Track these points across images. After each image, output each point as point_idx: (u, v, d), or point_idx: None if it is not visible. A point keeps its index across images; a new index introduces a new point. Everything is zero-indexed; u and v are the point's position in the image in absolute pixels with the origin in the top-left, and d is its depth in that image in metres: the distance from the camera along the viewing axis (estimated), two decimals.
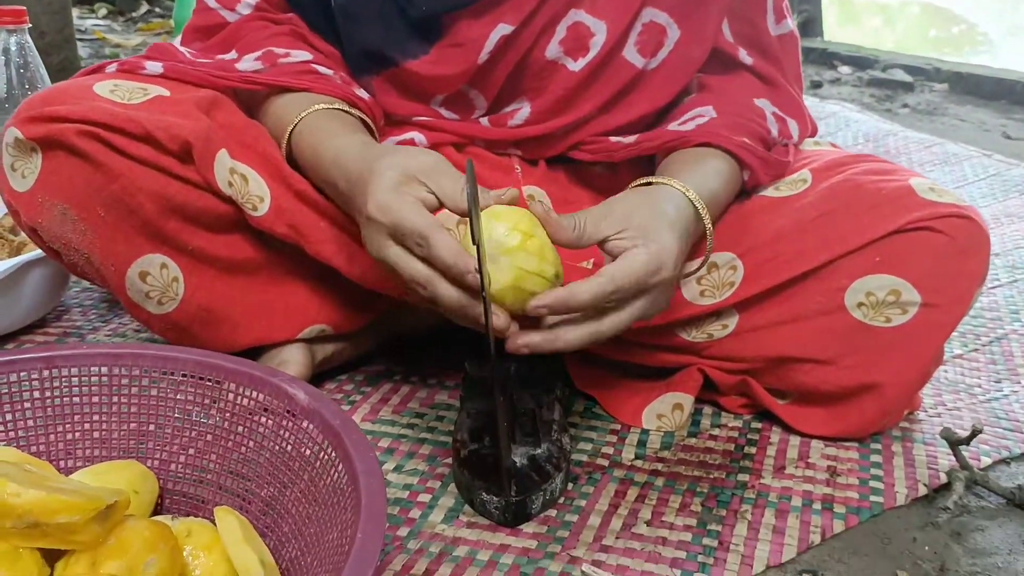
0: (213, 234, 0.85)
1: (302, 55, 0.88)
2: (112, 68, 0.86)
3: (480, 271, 0.62)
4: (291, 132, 0.82)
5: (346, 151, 0.77)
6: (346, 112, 0.84)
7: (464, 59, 0.87)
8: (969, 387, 0.99)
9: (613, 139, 0.92)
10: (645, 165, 0.94)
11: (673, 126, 0.89)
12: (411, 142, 0.92)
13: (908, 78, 2.60)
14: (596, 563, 0.70)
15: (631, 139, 0.91)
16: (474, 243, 0.60)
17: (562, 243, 0.70)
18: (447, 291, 0.67)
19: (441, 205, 0.69)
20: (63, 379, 0.69)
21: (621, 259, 0.70)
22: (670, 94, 0.92)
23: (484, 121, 0.93)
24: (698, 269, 0.83)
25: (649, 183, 0.79)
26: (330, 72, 0.88)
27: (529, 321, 0.69)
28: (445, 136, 0.93)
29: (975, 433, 0.78)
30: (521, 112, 0.91)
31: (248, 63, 0.87)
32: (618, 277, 0.68)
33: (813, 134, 0.99)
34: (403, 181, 0.69)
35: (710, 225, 0.79)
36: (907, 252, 0.80)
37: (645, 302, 0.71)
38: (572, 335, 0.70)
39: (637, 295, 0.70)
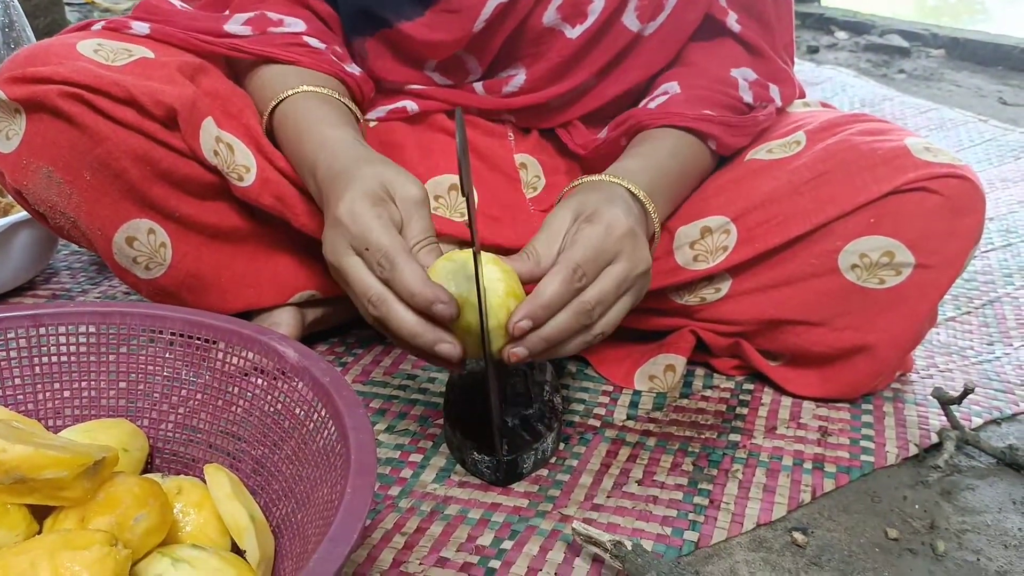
0: (200, 201, 0.83)
1: (296, 25, 0.86)
2: (98, 27, 0.84)
3: (473, 235, 0.61)
4: (273, 109, 0.81)
5: (335, 141, 0.75)
6: (335, 99, 0.81)
7: (459, 26, 0.85)
8: (961, 349, 0.99)
9: (598, 134, 0.92)
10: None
11: (643, 103, 0.89)
12: (403, 111, 0.91)
13: (904, 44, 2.58)
14: (587, 521, 0.70)
15: (603, 133, 0.91)
16: (463, 195, 0.59)
17: (526, 277, 0.69)
18: (402, 314, 0.64)
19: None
20: (51, 337, 0.68)
21: (570, 242, 0.69)
22: (664, 60, 0.90)
23: (479, 88, 0.92)
24: (653, 243, 0.80)
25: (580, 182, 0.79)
26: (322, 46, 0.85)
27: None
28: (437, 104, 0.92)
29: (967, 392, 0.78)
30: (516, 79, 0.90)
31: (237, 25, 0.85)
32: (572, 254, 0.67)
33: (800, 97, 0.98)
34: (382, 197, 0.67)
35: (643, 196, 0.76)
36: (902, 213, 0.80)
37: (621, 268, 0.69)
38: (571, 345, 0.68)
39: (606, 263, 0.68)
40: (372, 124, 0.92)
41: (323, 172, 0.73)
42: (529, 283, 0.69)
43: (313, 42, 0.85)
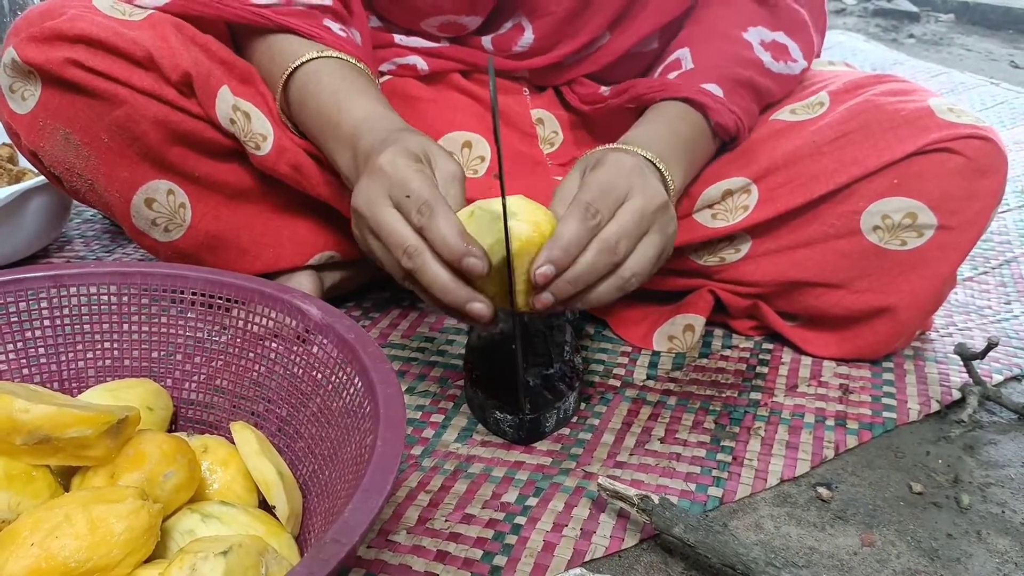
0: (219, 161, 0.82)
1: None
2: None
3: (501, 183, 0.60)
4: (296, 69, 0.77)
5: (378, 114, 0.73)
6: (360, 67, 0.78)
7: None
8: (979, 309, 0.99)
9: (600, 89, 0.90)
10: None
11: (657, 70, 0.87)
12: (413, 68, 0.90)
13: (914, 8, 2.56)
14: (612, 478, 0.70)
15: (605, 90, 0.89)
16: (496, 144, 0.59)
17: None
18: (434, 269, 0.62)
19: None
20: (72, 298, 0.68)
21: (580, 189, 0.68)
22: (677, 8, 0.88)
23: (487, 44, 0.90)
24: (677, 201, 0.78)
25: None
26: (343, 34, 0.81)
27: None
28: (450, 64, 0.91)
29: (990, 347, 0.78)
30: (524, 38, 0.88)
31: None
32: (582, 195, 0.65)
33: (817, 55, 0.96)
34: (422, 159, 0.67)
35: (652, 157, 0.74)
36: (924, 174, 0.79)
37: (637, 203, 0.66)
38: (603, 288, 0.66)
39: (618, 200, 0.66)
40: (385, 78, 0.91)
41: (366, 142, 0.70)
42: None
43: (335, 27, 0.80)
